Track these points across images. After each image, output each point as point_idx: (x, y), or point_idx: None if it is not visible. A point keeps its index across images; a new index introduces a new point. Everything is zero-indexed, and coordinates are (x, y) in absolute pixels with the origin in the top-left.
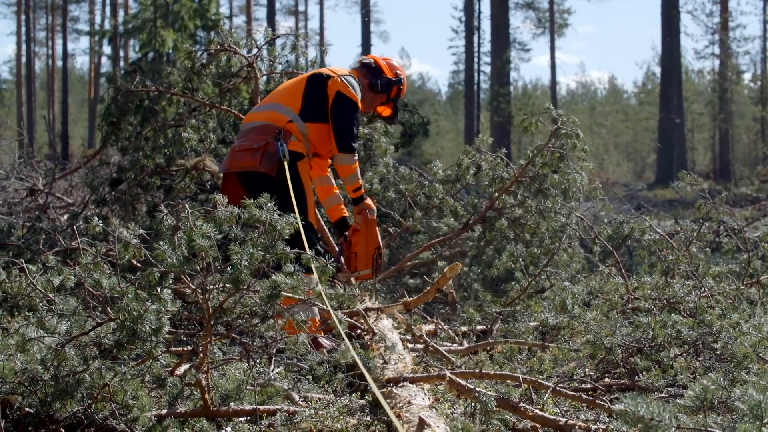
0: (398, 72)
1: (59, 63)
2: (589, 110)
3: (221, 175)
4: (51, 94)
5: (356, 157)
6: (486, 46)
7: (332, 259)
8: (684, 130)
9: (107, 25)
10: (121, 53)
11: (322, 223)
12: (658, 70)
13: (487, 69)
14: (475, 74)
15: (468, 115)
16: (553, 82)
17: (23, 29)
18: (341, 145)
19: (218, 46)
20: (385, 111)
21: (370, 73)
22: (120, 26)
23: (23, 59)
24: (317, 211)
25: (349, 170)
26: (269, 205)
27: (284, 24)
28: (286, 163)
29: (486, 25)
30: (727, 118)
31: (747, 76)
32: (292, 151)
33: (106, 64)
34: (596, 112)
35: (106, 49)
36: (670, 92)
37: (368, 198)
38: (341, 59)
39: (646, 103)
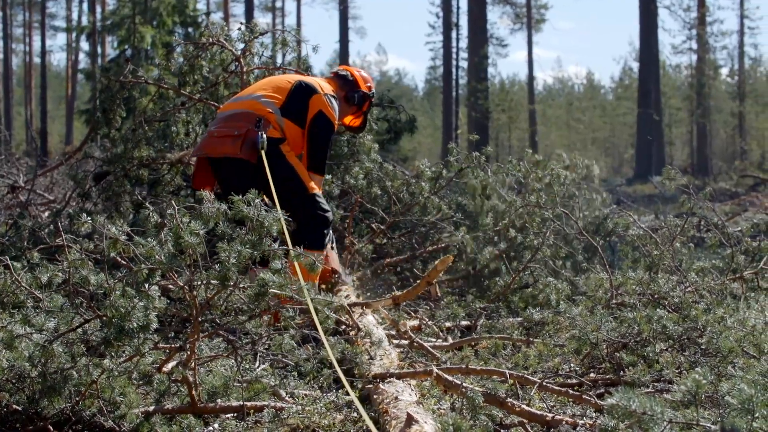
0: (370, 85)
1: (36, 59)
2: (566, 105)
3: (194, 158)
4: (28, 91)
5: (323, 180)
6: (463, 42)
7: (321, 257)
8: (662, 126)
9: (84, 22)
10: (99, 50)
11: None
12: (635, 65)
13: (465, 65)
14: (453, 70)
15: (446, 111)
16: (531, 78)
17: (0, 26)
18: (313, 164)
19: (208, 40)
20: (354, 122)
21: (347, 85)
22: (98, 22)
23: (0, 56)
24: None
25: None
26: (256, 201)
27: (262, 20)
28: (263, 153)
29: (463, 21)
30: (704, 113)
31: (724, 71)
32: (272, 137)
33: (83, 61)
34: (573, 108)
35: (84, 45)
36: (647, 87)
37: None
38: (318, 55)
39: (624, 99)
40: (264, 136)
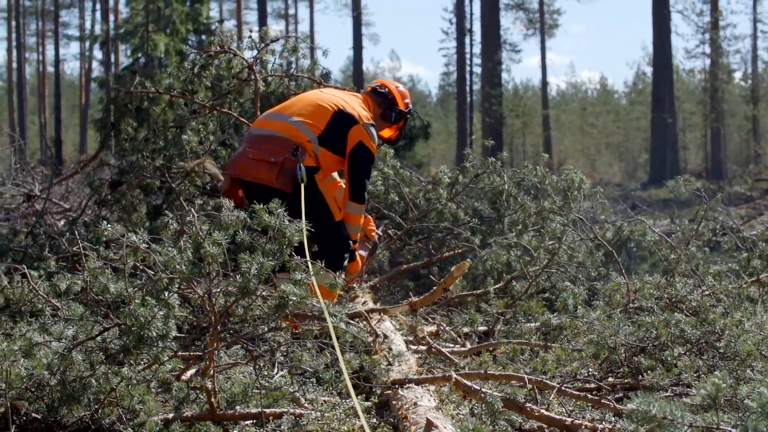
0: (408, 102)
1: (50, 68)
2: (579, 110)
3: (222, 177)
4: (42, 100)
5: (364, 209)
6: (477, 48)
7: (340, 272)
8: (676, 130)
9: (98, 30)
10: (113, 58)
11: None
12: (648, 70)
13: (479, 70)
14: (467, 76)
15: (460, 116)
16: (544, 83)
17: (13, 35)
18: (354, 195)
19: (218, 48)
20: (391, 135)
21: (385, 102)
22: (111, 31)
23: (14, 65)
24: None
25: (356, 220)
26: (279, 211)
27: (275, 27)
28: (302, 186)
29: (477, 27)
30: (718, 117)
31: (738, 75)
32: (307, 166)
33: (96, 69)
34: (587, 113)
35: (97, 54)
36: (661, 92)
37: (358, 255)
38: (332, 61)
39: (637, 103)
40: (303, 169)
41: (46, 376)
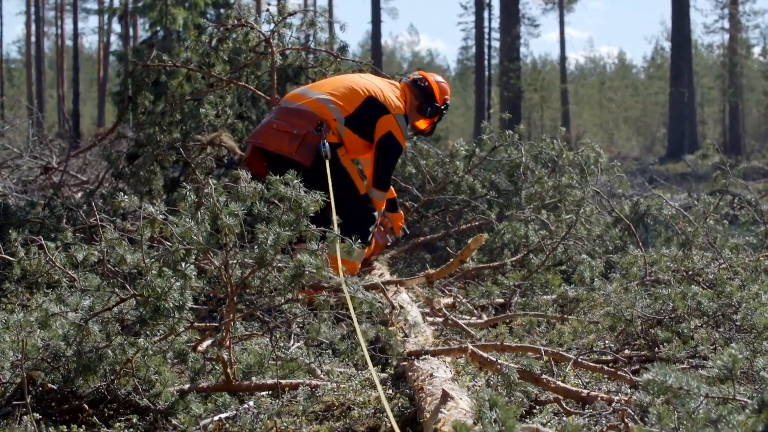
0: (447, 97)
1: (68, 42)
2: (598, 85)
3: (238, 150)
4: (60, 74)
5: (386, 195)
6: (495, 22)
7: (359, 240)
8: (694, 105)
9: (116, 3)
10: (131, 32)
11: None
12: (667, 44)
13: (497, 44)
14: (485, 50)
15: (478, 91)
16: (563, 57)
17: (32, 9)
18: (378, 183)
19: (235, 21)
20: (425, 127)
21: (422, 95)
22: (130, 4)
23: (32, 39)
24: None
25: (378, 206)
26: (295, 182)
27: (293, 1)
28: (327, 162)
29: (495, 1)
30: (736, 92)
31: (757, 50)
32: (328, 142)
33: (115, 43)
34: (605, 87)
35: (116, 27)
36: (680, 67)
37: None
38: (350, 36)
39: (656, 78)
40: (327, 144)
41: (63, 347)
